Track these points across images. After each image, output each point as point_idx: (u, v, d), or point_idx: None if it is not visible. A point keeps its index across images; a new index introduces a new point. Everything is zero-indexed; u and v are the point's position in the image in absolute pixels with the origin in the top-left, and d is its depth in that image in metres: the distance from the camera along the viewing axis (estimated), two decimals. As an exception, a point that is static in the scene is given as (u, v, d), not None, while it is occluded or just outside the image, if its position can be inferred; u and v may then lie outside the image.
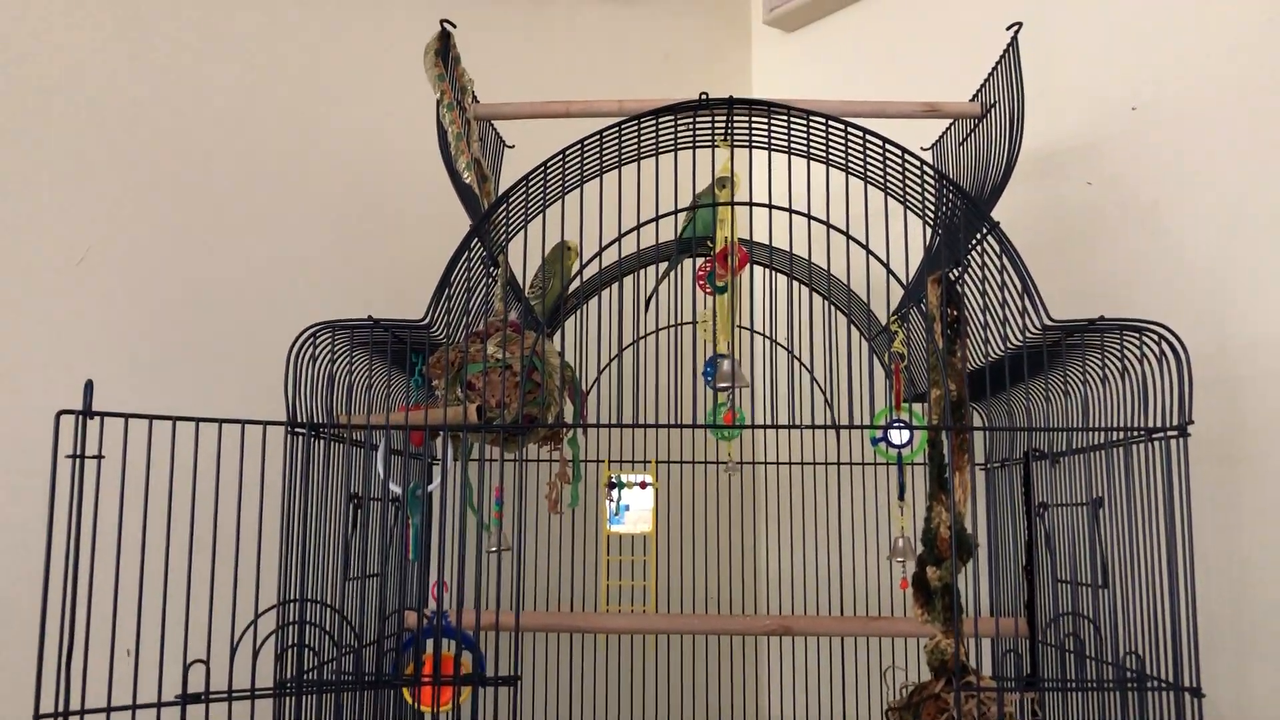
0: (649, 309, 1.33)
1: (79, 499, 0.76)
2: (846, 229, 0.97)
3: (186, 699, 0.77)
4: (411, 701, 0.95)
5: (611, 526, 1.28)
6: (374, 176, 1.44)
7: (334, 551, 0.95)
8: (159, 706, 0.76)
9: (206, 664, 0.78)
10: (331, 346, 0.95)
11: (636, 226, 0.96)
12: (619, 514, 1.28)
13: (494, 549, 1.15)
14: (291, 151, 1.35)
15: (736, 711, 1.57)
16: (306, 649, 0.86)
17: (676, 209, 0.99)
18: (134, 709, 0.76)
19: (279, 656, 0.84)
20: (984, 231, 0.97)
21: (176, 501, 0.82)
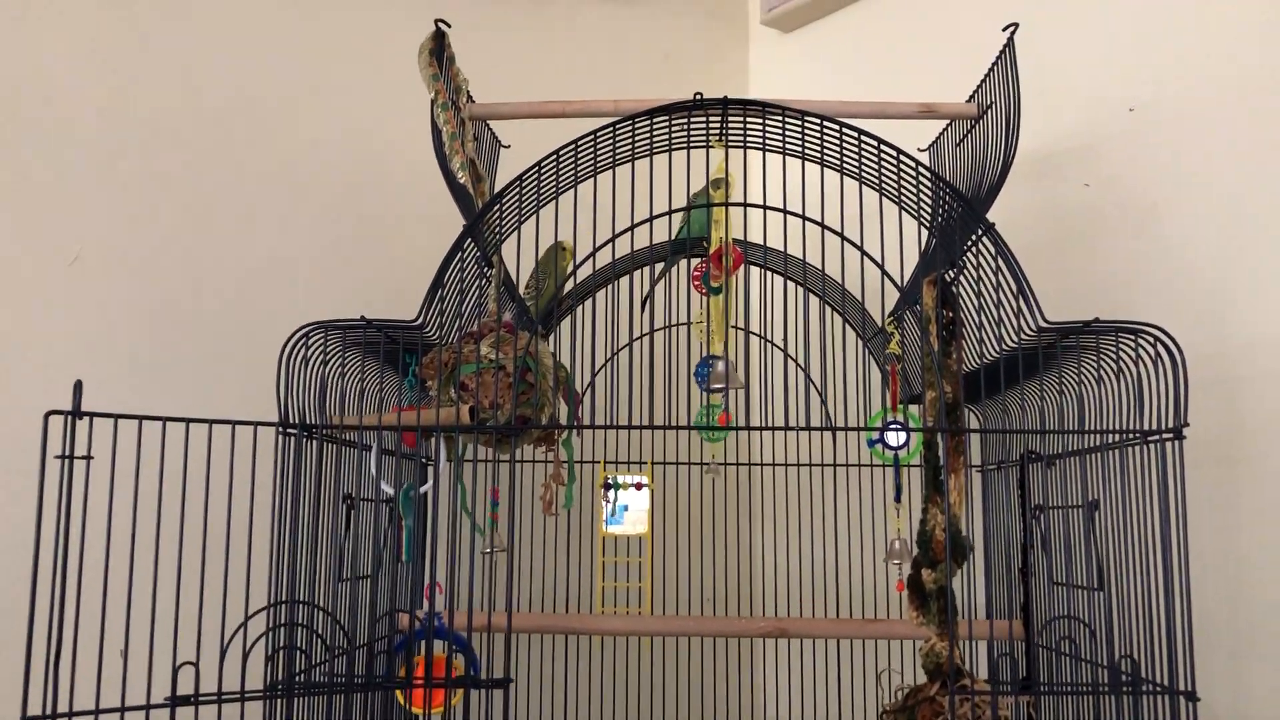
0: (645, 310, 1.32)
1: (68, 500, 0.76)
2: (841, 230, 0.96)
3: (175, 701, 0.77)
4: (404, 703, 0.95)
5: (610, 528, 1.27)
6: (372, 176, 1.43)
7: (326, 553, 0.94)
8: (148, 709, 0.76)
9: (196, 666, 0.78)
10: (324, 347, 0.94)
11: (630, 227, 0.95)
12: (619, 515, 1.27)
13: (488, 550, 1.15)
14: (287, 150, 1.35)
15: (732, 714, 1.57)
16: (297, 651, 0.86)
17: (671, 210, 0.98)
18: (123, 710, 0.75)
19: (269, 658, 0.83)
20: (979, 232, 0.96)
21: (168, 503, 0.81)
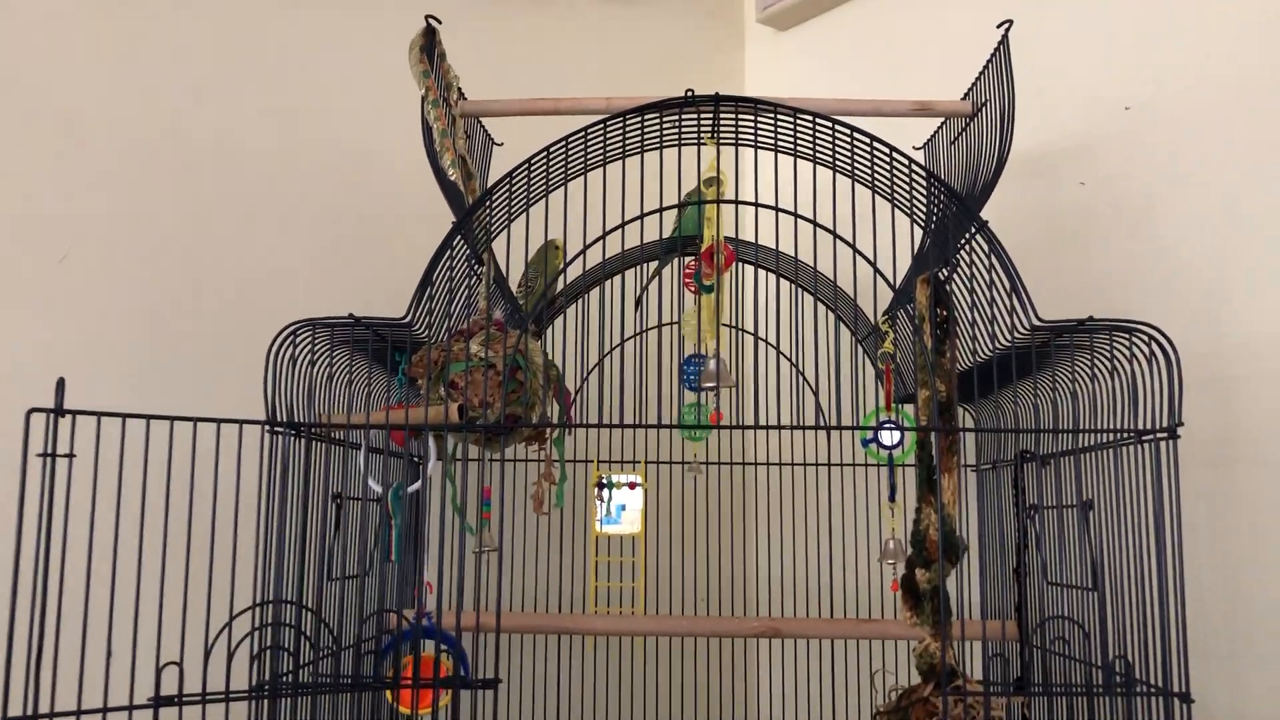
0: (638, 309, 1.31)
1: (50, 498, 0.75)
2: (834, 228, 0.96)
3: (159, 701, 0.76)
4: (393, 702, 0.94)
5: (606, 527, 1.27)
6: (371, 175, 1.42)
7: (314, 552, 0.94)
8: (130, 709, 0.75)
9: (180, 666, 0.77)
10: (312, 344, 0.94)
11: (622, 224, 0.95)
12: (615, 515, 1.27)
13: (480, 549, 1.14)
14: (280, 148, 1.34)
15: (725, 714, 1.56)
16: (283, 651, 0.85)
17: (662, 206, 0.98)
18: (105, 711, 0.75)
19: (255, 658, 0.83)
20: (973, 231, 0.96)
21: (154, 502, 0.81)
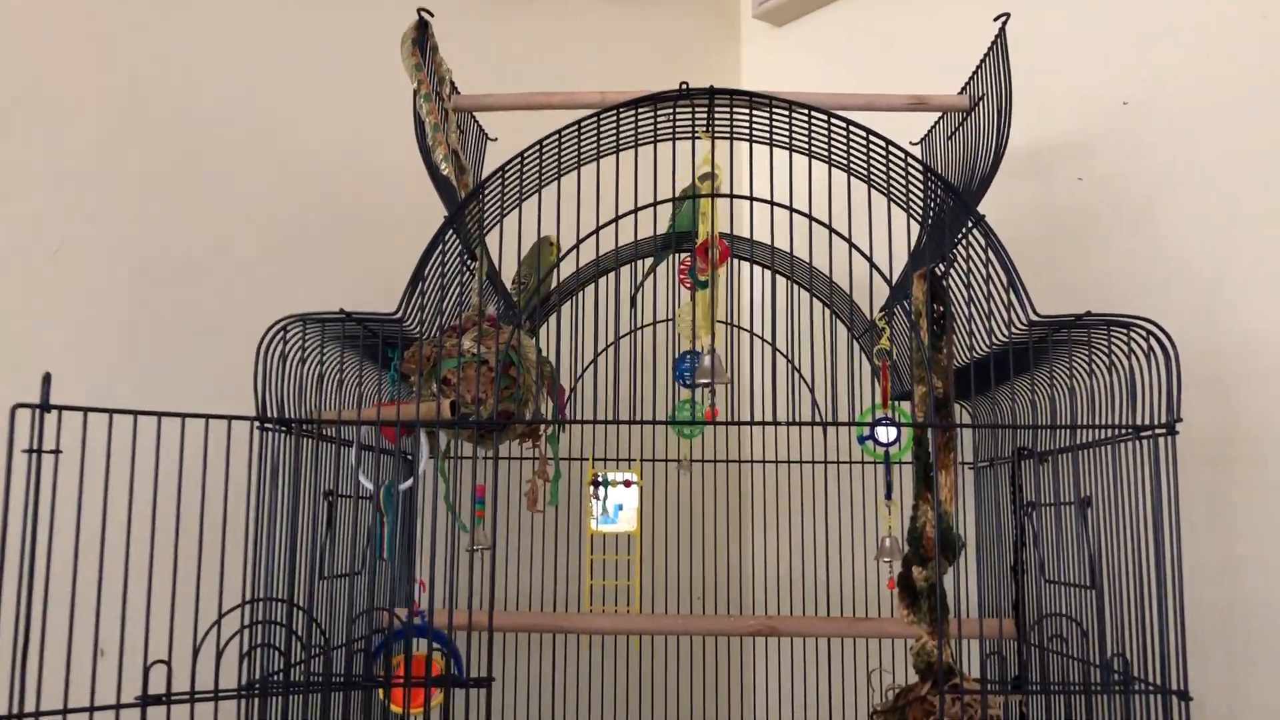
0: (634, 306, 1.31)
1: (35, 495, 0.74)
2: (830, 222, 0.95)
3: (147, 700, 0.75)
4: (385, 701, 0.93)
5: (602, 526, 1.26)
6: (364, 169, 1.41)
7: (304, 549, 0.93)
8: (118, 708, 0.74)
9: (168, 664, 0.76)
10: (302, 340, 0.93)
11: (615, 218, 0.94)
12: (613, 515, 1.26)
13: (473, 548, 1.14)
14: (271, 142, 1.33)
15: (721, 713, 1.55)
16: (273, 650, 0.84)
17: (656, 201, 0.97)
18: (91, 710, 0.74)
19: (244, 657, 0.82)
20: (969, 225, 0.95)
21: (141, 499, 0.80)
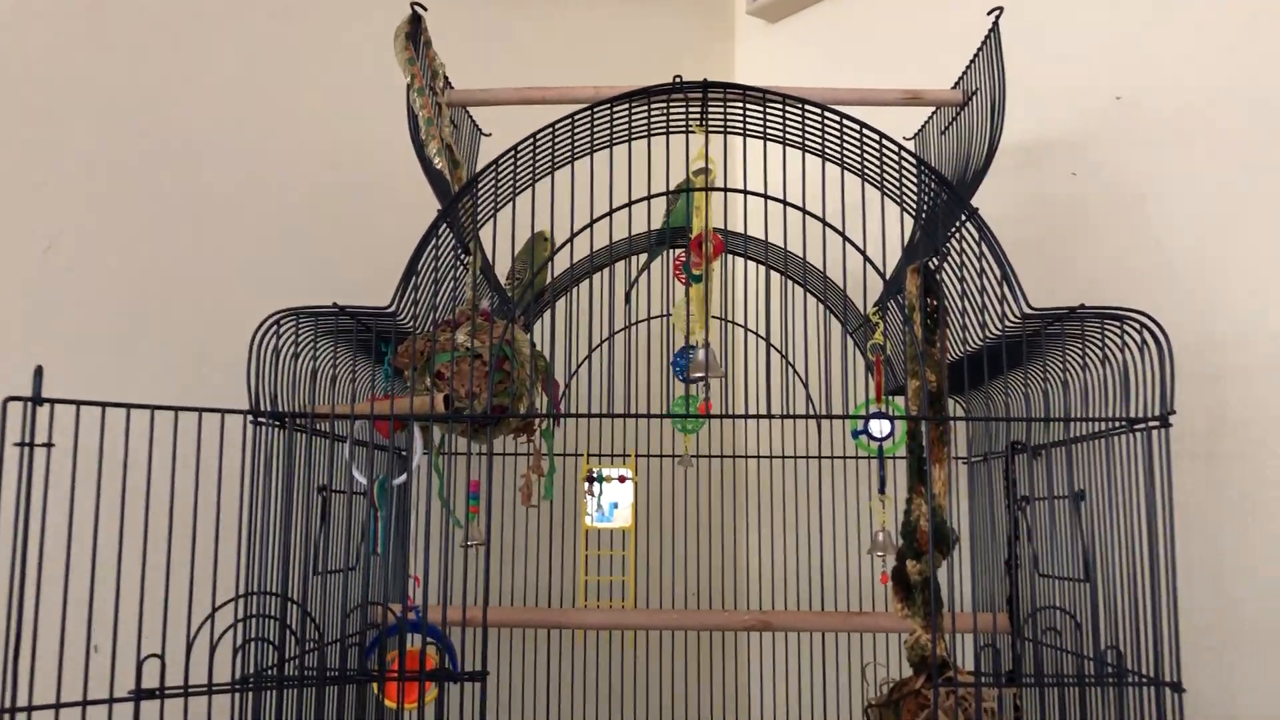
0: (629, 301, 1.31)
1: (27, 488, 0.74)
2: (823, 217, 0.95)
3: (140, 694, 0.75)
4: (378, 695, 0.93)
5: (597, 523, 1.26)
6: (353, 162, 1.41)
7: (298, 543, 0.93)
8: (110, 703, 0.74)
9: (162, 658, 0.76)
10: (295, 334, 0.92)
11: (609, 212, 0.94)
12: (608, 513, 1.26)
13: (467, 543, 1.13)
14: (265, 136, 1.33)
15: (716, 707, 1.55)
16: (268, 644, 0.84)
17: (650, 195, 0.97)
18: (84, 705, 0.73)
19: (238, 651, 0.82)
20: (963, 218, 0.95)
21: (134, 492, 0.79)
